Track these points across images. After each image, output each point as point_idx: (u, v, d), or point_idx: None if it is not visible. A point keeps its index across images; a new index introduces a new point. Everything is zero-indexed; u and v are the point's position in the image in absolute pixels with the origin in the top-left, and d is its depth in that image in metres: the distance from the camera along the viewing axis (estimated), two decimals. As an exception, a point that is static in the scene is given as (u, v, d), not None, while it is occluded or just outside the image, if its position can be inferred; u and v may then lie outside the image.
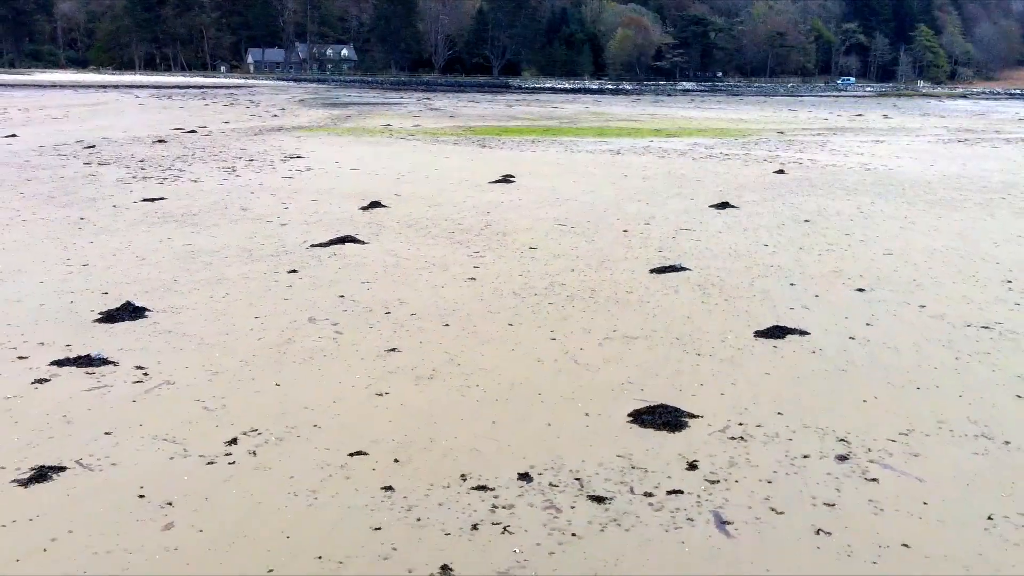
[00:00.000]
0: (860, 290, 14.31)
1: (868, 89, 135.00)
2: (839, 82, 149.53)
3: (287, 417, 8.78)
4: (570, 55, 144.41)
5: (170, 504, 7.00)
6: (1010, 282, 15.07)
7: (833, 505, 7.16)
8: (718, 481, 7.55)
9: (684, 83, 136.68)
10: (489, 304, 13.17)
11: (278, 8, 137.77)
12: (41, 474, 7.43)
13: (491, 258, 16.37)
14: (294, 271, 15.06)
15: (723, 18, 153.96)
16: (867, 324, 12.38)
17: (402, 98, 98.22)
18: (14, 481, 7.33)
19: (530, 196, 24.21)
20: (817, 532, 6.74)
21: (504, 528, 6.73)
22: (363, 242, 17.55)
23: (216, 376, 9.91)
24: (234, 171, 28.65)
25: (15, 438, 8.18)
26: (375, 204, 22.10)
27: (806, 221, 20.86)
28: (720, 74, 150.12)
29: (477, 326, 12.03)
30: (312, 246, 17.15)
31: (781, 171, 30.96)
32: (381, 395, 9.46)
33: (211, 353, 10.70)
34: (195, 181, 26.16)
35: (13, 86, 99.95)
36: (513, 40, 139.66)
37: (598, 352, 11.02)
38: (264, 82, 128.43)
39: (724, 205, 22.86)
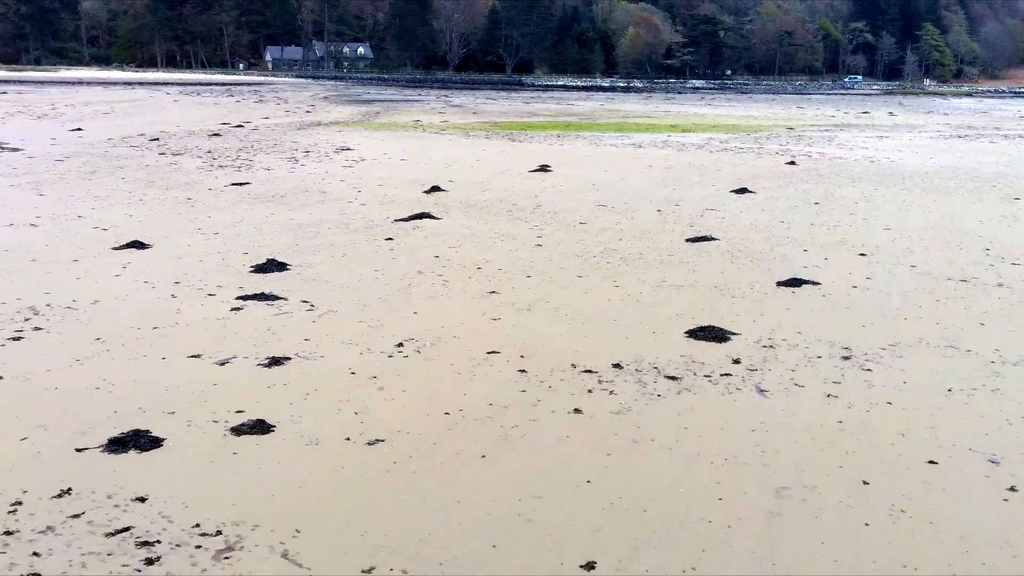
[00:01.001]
0: (862, 255, 17.26)
1: (875, 87, 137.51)
2: (846, 80, 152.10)
3: (431, 332, 11.79)
4: (582, 53, 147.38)
5: (375, 378, 10.01)
6: (988, 250, 18.00)
7: (838, 383, 10.14)
8: (756, 369, 10.54)
9: (694, 81, 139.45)
10: (558, 263, 16.15)
11: (296, 7, 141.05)
12: (275, 361, 10.45)
13: (550, 230, 19.35)
14: (390, 238, 18.08)
15: (732, 17, 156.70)
16: (867, 278, 15.33)
17: (420, 95, 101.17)
18: (260, 365, 10.35)
19: (568, 183, 27.16)
20: (827, 396, 9.72)
21: (610, 391, 9.73)
22: (437, 218, 20.56)
23: (365, 307, 12.92)
24: (297, 161, 31.66)
25: (242, 342, 11.20)
26: (435, 188, 25.11)
27: (816, 203, 23.79)
28: (729, 72, 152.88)
29: (553, 278, 15.02)
30: (396, 220, 20.16)
31: (792, 163, 33.86)
32: (495, 320, 12.46)
33: (353, 293, 13.71)
34: (267, 169, 29.19)
35: (45, 83, 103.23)
36: (526, 38, 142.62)
37: (653, 295, 14.00)
38: (284, 79, 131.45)
39: (743, 190, 25.81)
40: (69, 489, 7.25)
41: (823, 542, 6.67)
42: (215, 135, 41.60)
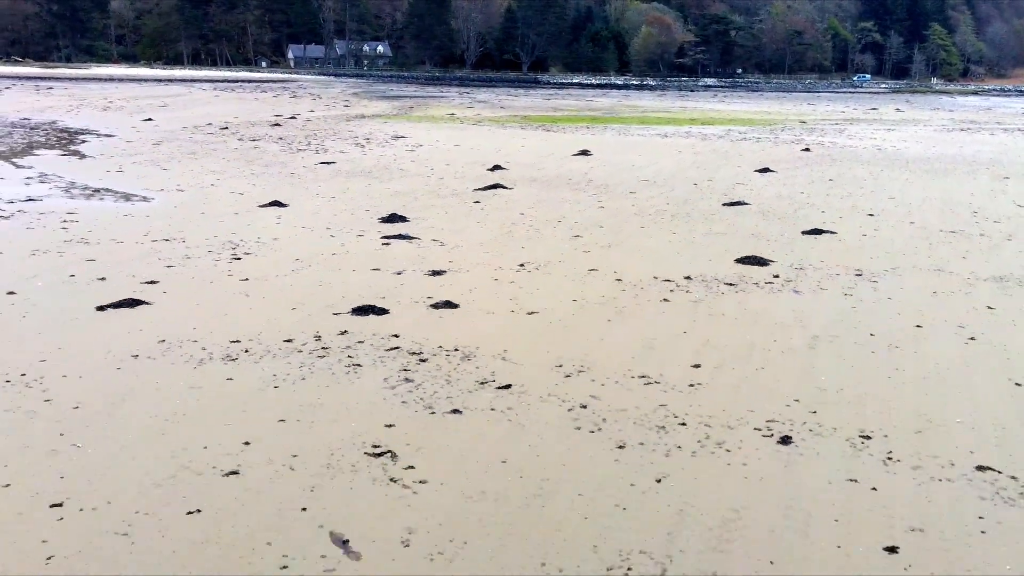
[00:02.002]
0: (870, 215, 20.90)
1: (883, 86, 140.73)
2: (855, 79, 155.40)
3: (540, 259, 15.47)
4: (596, 52, 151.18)
5: (513, 282, 13.69)
6: (975, 213, 21.60)
7: (852, 288, 13.80)
8: (791, 280, 14.21)
9: (706, 79, 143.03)
10: (621, 220, 19.82)
11: (318, 6, 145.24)
12: (436, 272, 14.13)
13: (606, 198, 23.02)
14: (477, 202, 21.79)
15: (743, 17, 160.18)
16: (874, 230, 18.97)
17: (443, 92, 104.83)
18: (426, 274, 14.02)
19: (610, 164, 30.79)
20: (844, 295, 13.39)
21: (686, 291, 13.41)
22: (509, 188, 24.25)
23: (482, 244, 16.62)
24: (363, 147, 35.38)
25: (403, 262, 14.89)
26: (497, 167, 28.80)
27: (830, 180, 27.41)
28: (740, 71, 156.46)
29: (620, 229, 18.68)
30: (475, 189, 23.85)
31: (807, 149, 37.45)
32: (586, 252, 16.14)
33: (468, 236, 17.40)
34: (342, 152, 32.92)
35: (83, 79, 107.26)
36: (541, 37, 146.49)
37: (703, 239, 17.67)
38: (307, 77, 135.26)
39: (765, 170, 29.44)
40: (346, 331, 10.98)
41: (840, 363, 10.33)
42: (276, 125, 45.38)
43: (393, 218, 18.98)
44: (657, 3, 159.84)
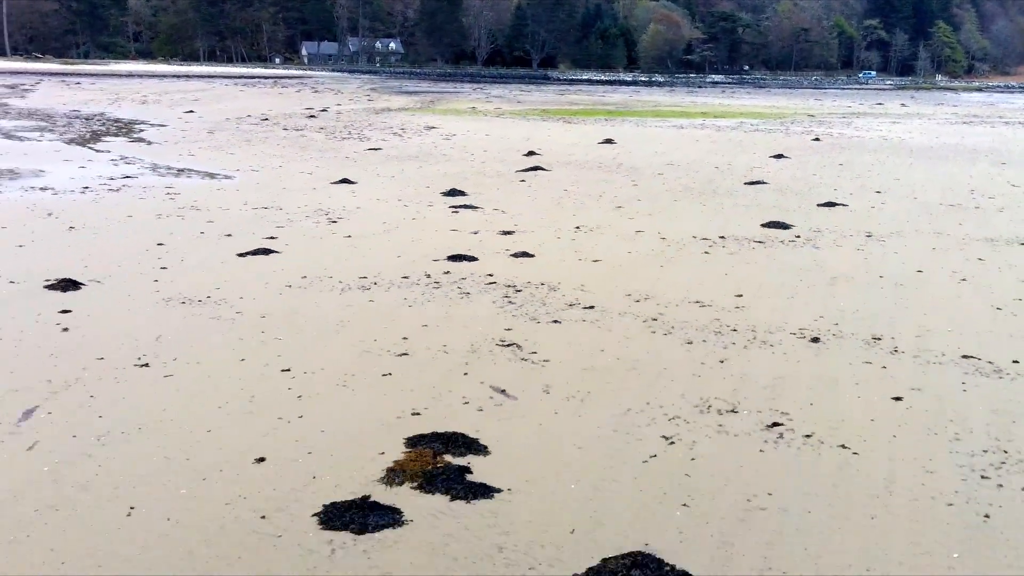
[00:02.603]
0: (877, 192, 23.24)
1: (888, 83, 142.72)
2: (860, 76, 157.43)
3: (590, 224, 17.85)
4: (605, 49, 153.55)
5: (573, 239, 16.06)
6: (973, 191, 23.93)
7: (864, 245, 16.17)
8: (810, 240, 16.58)
9: (713, 76, 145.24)
10: (655, 196, 22.18)
11: (331, 3, 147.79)
12: (506, 232, 16.52)
13: (637, 179, 25.37)
14: (523, 180, 24.17)
15: (750, 14, 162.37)
16: (881, 203, 21.32)
17: (457, 88, 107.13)
18: (499, 233, 16.40)
19: (635, 151, 33.13)
20: (857, 250, 15.74)
21: (722, 246, 15.78)
22: (548, 170, 26.61)
23: (537, 212, 18.99)
24: (401, 136, 37.76)
25: (475, 225, 17.26)
26: (531, 153, 31.16)
27: (840, 165, 29.74)
28: (747, 68, 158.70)
29: (656, 203, 21.04)
30: (517, 171, 26.23)
31: (817, 139, 39.77)
32: (631, 219, 18.51)
33: (523, 207, 19.77)
34: (384, 140, 35.32)
35: (106, 75, 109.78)
36: (551, 35, 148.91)
37: (731, 210, 20.04)
38: (321, 73, 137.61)
39: (780, 156, 31.78)
40: (448, 271, 13.38)
41: (855, 294, 12.69)
42: (311, 117, 47.81)
43: (453, 192, 21.38)
44: (665, 1, 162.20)
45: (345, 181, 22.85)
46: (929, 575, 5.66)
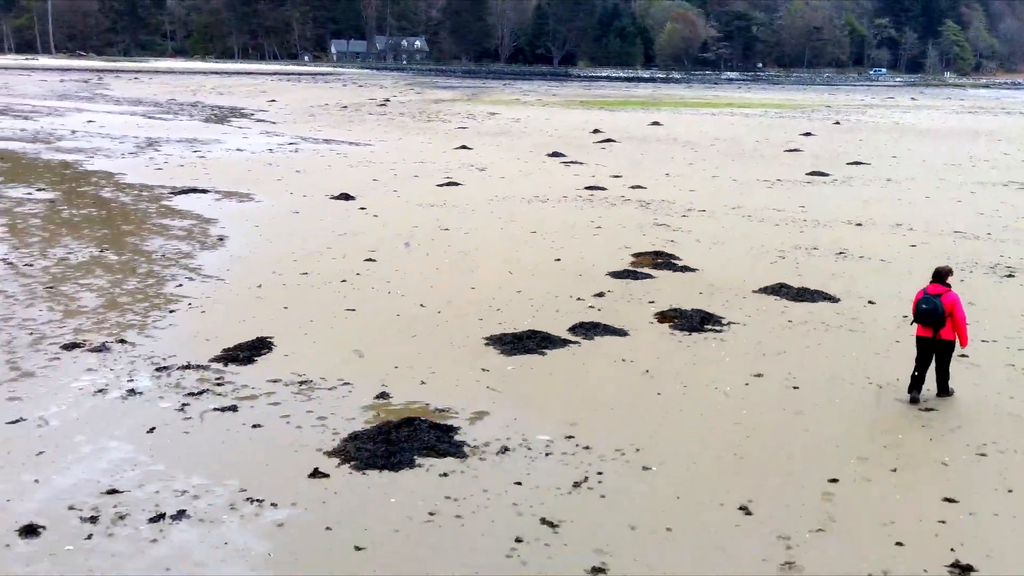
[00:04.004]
0: (893, 157, 28.69)
1: (898, 79, 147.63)
2: (871, 73, 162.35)
3: (682, 171, 23.30)
4: (623, 47, 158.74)
5: (672, 183, 21.56)
6: (971, 157, 29.36)
7: (884, 185, 21.57)
8: (845, 182, 22.11)
9: (728, 73, 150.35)
10: (713, 158, 27.65)
11: (361, 2, 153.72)
12: (615, 175, 22.00)
13: (694, 148, 30.83)
14: (603, 148, 29.66)
15: (763, 13, 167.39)
16: (897, 163, 26.78)
17: (487, 84, 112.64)
18: (611, 176, 21.90)
19: (681, 131, 38.58)
20: (880, 187, 21.18)
21: (780, 185, 21.23)
22: (618, 142, 32.09)
23: (628, 167, 24.48)
24: (474, 119, 43.24)
25: (589, 173, 22.73)
26: (597, 130, 36.63)
27: (860, 140, 35.18)
28: (760, 65, 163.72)
29: (718, 166, 26.50)
30: (595, 142, 31.71)
31: (837, 123, 45.18)
32: (705, 171, 23.96)
33: (613, 165, 25.26)
34: (464, 122, 40.78)
35: (156, 72, 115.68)
36: (572, 33, 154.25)
37: (779, 167, 25.49)
38: (352, 70, 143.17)
39: (808, 134, 37.22)
40: (591, 197, 18.86)
41: (882, 208, 18.14)
42: (382, 105, 53.40)
43: (555, 154, 26.91)
44: (681, 0, 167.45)
45: (464, 147, 28.40)
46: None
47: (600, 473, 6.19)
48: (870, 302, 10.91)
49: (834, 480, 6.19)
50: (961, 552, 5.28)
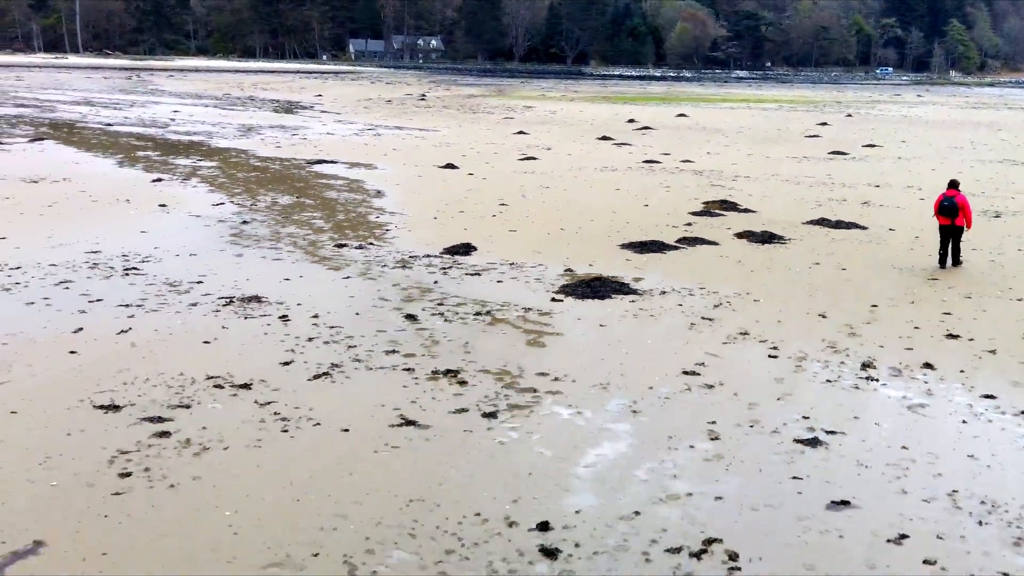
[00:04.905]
0: (903, 141, 32.33)
1: (904, 78, 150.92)
2: (878, 72, 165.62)
3: (719, 150, 26.97)
4: (634, 46, 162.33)
5: (712, 157, 25.25)
6: (972, 142, 33.02)
7: (896, 162, 25.24)
8: (862, 159, 25.74)
9: (738, 72, 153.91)
10: (743, 142, 31.29)
11: (379, 3, 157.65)
12: (665, 153, 25.68)
13: (723, 134, 34.45)
14: (643, 133, 33.32)
15: (772, 13, 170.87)
16: (906, 147, 30.43)
17: (506, 82, 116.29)
18: (661, 154, 25.58)
19: (708, 121, 42.21)
20: (892, 163, 24.84)
21: (807, 161, 24.89)
22: (654, 129, 35.75)
23: (673, 147, 28.12)
24: (513, 111, 46.91)
25: (641, 150, 26.42)
26: (632, 120, 40.29)
27: (872, 129, 38.82)
28: (769, 64, 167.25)
29: (746, 144, 30.14)
30: (634, 129, 35.36)
31: (849, 115, 48.81)
32: (739, 150, 27.65)
33: (660, 146, 28.90)
34: (506, 113, 44.45)
35: (186, 70, 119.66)
36: (585, 32, 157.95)
37: (803, 148, 29.15)
38: (372, 69, 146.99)
39: (824, 124, 40.88)
40: (652, 167, 22.56)
41: (895, 174, 21.82)
42: (422, 99, 57.18)
43: (604, 138, 30.58)
44: (691, 0, 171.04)
45: (521, 132, 32.11)
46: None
47: (729, 302, 9.94)
48: (890, 229, 14.60)
49: (875, 305, 9.94)
50: (951, 330, 9.01)
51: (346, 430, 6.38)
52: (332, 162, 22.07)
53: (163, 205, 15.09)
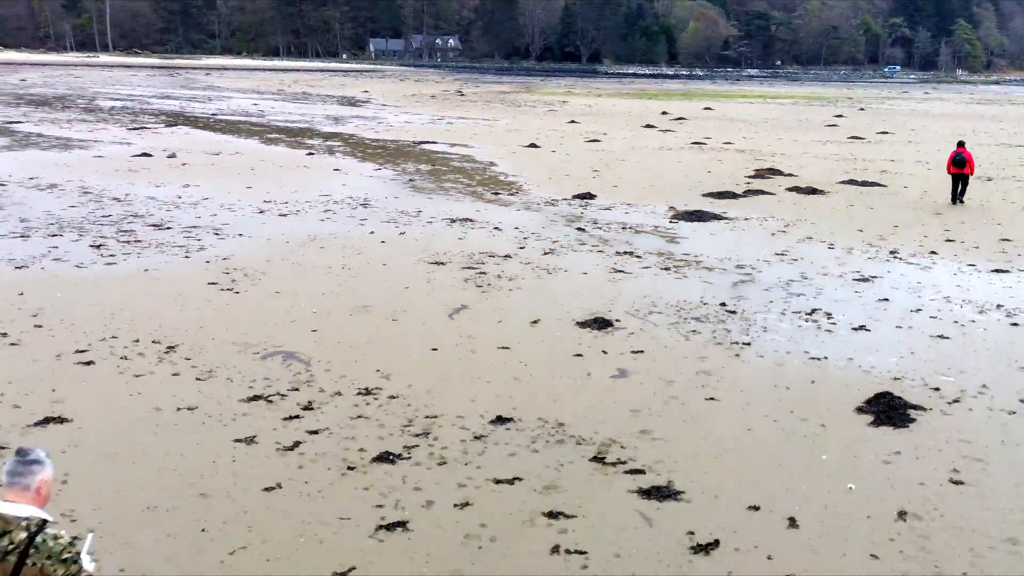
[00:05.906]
0: (912, 130, 36.36)
1: (912, 76, 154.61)
2: (886, 70, 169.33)
3: (751, 135, 31.10)
4: (648, 45, 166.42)
5: (743, 138, 29.35)
6: (975, 130, 37.02)
7: (906, 145, 29.32)
8: (876, 143, 29.80)
9: (749, 70, 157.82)
10: (768, 129, 35.37)
11: (399, 3, 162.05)
12: (707, 137, 29.81)
13: (750, 123, 38.52)
14: (680, 123, 37.41)
15: (782, 12, 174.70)
16: (915, 134, 34.45)
17: (525, 80, 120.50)
18: (704, 138, 29.72)
19: (733, 113, 46.30)
20: (908, 142, 28.92)
21: (831, 144, 29.01)
22: (688, 119, 39.85)
23: (711, 134, 32.23)
24: (551, 106, 51.02)
25: (674, 139, 30.55)
26: (664, 112, 44.38)
27: (883, 120, 42.88)
28: (779, 63, 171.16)
29: (772, 131, 34.23)
30: (669, 120, 39.45)
31: (862, 109, 52.85)
32: (768, 136, 31.73)
33: (698, 132, 32.98)
34: (547, 107, 48.56)
35: (218, 68, 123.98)
36: (599, 32, 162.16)
37: (823, 134, 33.22)
38: (391, 67, 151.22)
39: (839, 116, 44.93)
40: (702, 148, 26.70)
41: (904, 153, 25.92)
42: (460, 94, 61.31)
43: (648, 126, 34.69)
44: (702, 0, 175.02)
45: (573, 121, 36.25)
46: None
47: (795, 224, 14.14)
48: (904, 187, 18.76)
49: (896, 226, 14.15)
50: (949, 237, 13.23)
51: (585, 273, 10.61)
52: (432, 142, 26.23)
53: (337, 169, 19.26)
